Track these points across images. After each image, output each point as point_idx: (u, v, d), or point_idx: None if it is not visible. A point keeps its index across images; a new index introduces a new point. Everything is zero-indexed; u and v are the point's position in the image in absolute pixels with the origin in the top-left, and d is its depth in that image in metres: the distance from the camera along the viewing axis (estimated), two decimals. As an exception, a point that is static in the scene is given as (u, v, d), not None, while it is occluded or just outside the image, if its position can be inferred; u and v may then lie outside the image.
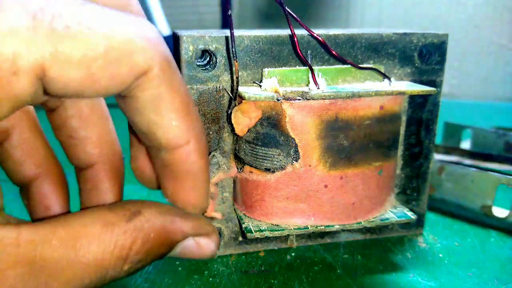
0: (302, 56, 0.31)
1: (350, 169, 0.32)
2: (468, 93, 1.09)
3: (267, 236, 0.32)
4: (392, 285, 0.32)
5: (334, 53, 0.32)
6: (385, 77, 0.33)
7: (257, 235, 0.31)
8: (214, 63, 0.31)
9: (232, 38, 0.29)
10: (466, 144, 0.61)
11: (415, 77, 0.36)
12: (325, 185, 0.32)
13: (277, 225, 0.33)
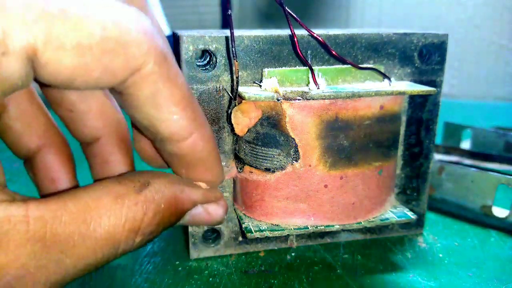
0: (302, 56, 0.31)
1: (350, 169, 0.32)
2: (468, 93, 1.09)
3: (267, 236, 0.32)
4: (392, 285, 0.32)
5: (334, 53, 0.32)
6: (385, 77, 0.33)
7: (257, 235, 0.31)
8: (214, 63, 0.31)
9: (232, 38, 0.29)
10: (466, 144, 0.61)
11: (415, 77, 0.36)
12: (325, 185, 0.32)
13: (277, 225, 0.33)
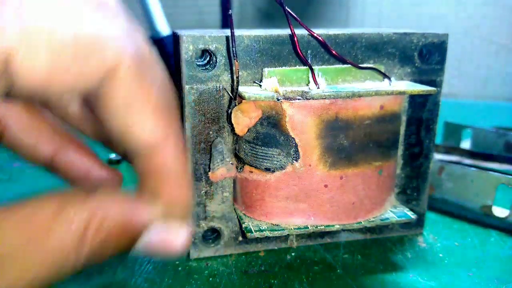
0: (302, 56, 0.31)
1: (350, 169, 0.32)
2: (468, 93, 1.09)
3: (267, 236, 0.32)
4: (392, 285, 0.32)
5: (334, 53, 0.32)
6: (385, 77, 0.33)
7: (257, 235, 0.31)
8: (214, 63, 0.31)
9: (233, 38, 0.29)
10: (466, 144, 0.61)
11: (415, 77, 0.36)
12: (325, 185, 0.32)
13: (277, 225, 0.33)
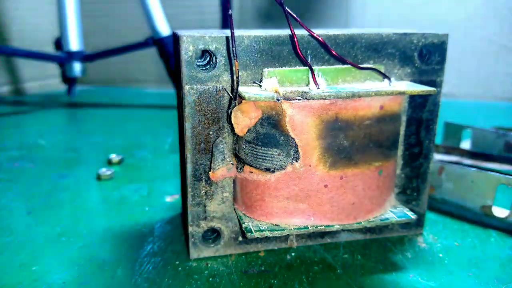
0: (302, 56, 0.31)
1: (350, 169, 0.32)
2: (468, 93, 1.09)
3: (267, 236, 0.32)
4: (392, 285, 0.32)
5: (334, 53, 0.32)
6: (385, 77, 0.33)
7: (257, 235, 0.31)
8: (214, 63, 0.31)
9: (233, 38, 0.29)
10: (466, 144, 0.61)
11: (415, 77, 0.36)
12: (325, 185, 0.32)
13: (277, 225, 0.33)
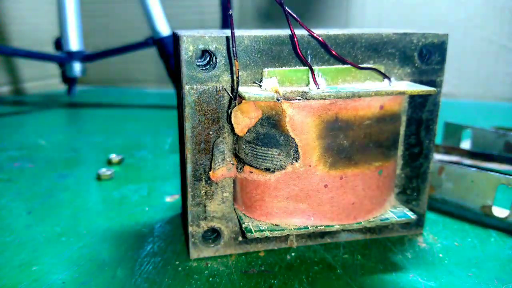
0: (302, 56, 0.31)
1: (350, 169, 0.32)
2: (468, 93, 1.09)
3: (267, 236, 0.32)
4: (392, 285, 0.32)
5: (334, 53, 0.32)
6: (385, 77, 0.33)
7: (257, 235, 0.31)
8: (214, 63, 0.31)
9: (233, 38, 0.29)
10: (466, 144, 0.61)
11: (415, 77, 0.36)
12: (325, 185, 0.32)
13: (277, 225, 0.33)
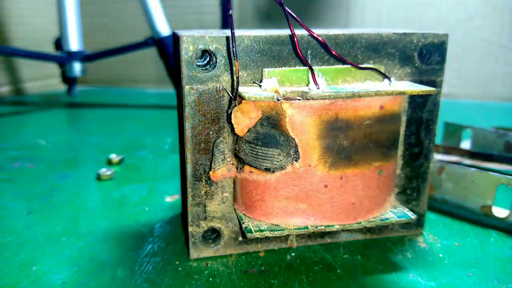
0: (302, 56, 0.31)
1: (350, 169, 0.32)
2: (468, 93, 1.09)
3: (267, 236, 0.32)
4: (392, 285, 0.32)
5: (334, 53, 0.32)
6: (385, 77, 0.33)
7: (257, 235, 0.31)
8: (214, 63, 0.31)
9: (233, 38, 0.29)
10: (466, 144, 0.61)
11: (415, 77, 0.36)
12: (325, 185, 0.32)
13: (277, 225, 0.33)
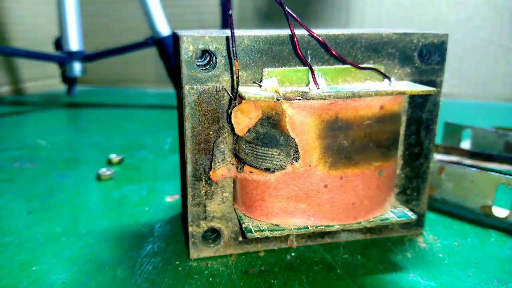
0: (302, 56, 0.31)
1: (350, 169, 0.32)
2: (468, 93, 1.09)
3: (267, 236, 0.32)
4: (392, 285, 0.32)
5: (334, 53, 0.32)
6: (385, 77, 0.33)
7: (257, 235, 0.31)
8: (214, 63, 0.31)
9: (233, 38, 0.29)
10: (466, 144, 0.61)
11: (415, 77, 0.36)
12: (325, 185, 0.32)
13: (277, 225, 0.33)
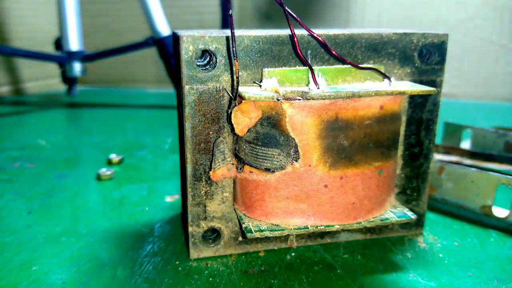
0: (302, 56, 0.31)
1: (350, 169, 0.32)
2: (468, 93, 1.09)
3: (267, 236, 0.32)
4: (392, 285, 0.32)
5: (334, 53, 0.32)
6: (385, 77, 0.33)
7: (257, 235, 0.31)
8: (214, 63, 0.31)
9: (233, 38, 0.29)
10: (466, 144, 0.61)
11: (415, 77, 0.36)
12: (325, 185, 0.32)
13: (277, 225, 0.33)
